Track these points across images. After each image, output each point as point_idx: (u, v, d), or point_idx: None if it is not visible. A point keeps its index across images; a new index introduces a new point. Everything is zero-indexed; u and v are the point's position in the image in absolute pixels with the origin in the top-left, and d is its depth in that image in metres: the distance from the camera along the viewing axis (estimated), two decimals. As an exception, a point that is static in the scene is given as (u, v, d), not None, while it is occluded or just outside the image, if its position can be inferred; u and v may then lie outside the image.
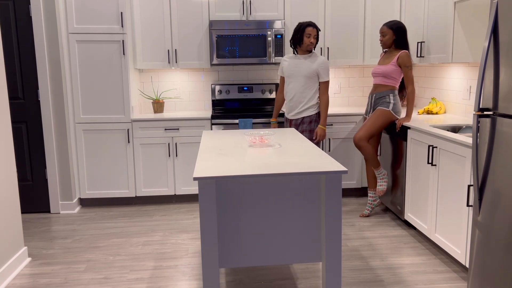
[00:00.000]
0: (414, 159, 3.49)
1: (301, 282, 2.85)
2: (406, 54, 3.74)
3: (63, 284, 2.89)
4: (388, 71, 3.76)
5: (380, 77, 3.83)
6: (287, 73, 3.92)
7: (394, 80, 3.79)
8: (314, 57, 3.86)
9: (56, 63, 4.06)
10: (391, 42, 3.81)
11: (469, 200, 2.72)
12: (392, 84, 3.80)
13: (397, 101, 3.81)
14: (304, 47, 3.83)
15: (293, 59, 3.90)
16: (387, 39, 3.79)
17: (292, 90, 3.90)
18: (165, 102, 4.89)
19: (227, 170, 2.14)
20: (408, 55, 3.75)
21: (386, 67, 3.77)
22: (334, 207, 2.17)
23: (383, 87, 3.82)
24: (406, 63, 3.73)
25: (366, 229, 3.73)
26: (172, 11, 4.43)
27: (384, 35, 3.80)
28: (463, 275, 2.90)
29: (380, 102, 3.83)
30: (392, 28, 3.76)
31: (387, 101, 3.79)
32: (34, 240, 3.63)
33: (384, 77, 3.80)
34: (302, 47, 3.83)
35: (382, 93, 3.82)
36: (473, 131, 2.31)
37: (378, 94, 3.85)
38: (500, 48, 2.19)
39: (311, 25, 3.78)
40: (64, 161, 4.21)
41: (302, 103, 3.88)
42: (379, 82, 3.84)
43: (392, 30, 3.76)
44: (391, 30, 3.76)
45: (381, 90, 3.83)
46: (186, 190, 4.48)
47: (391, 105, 3.79)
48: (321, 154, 2.48)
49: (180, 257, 3.27)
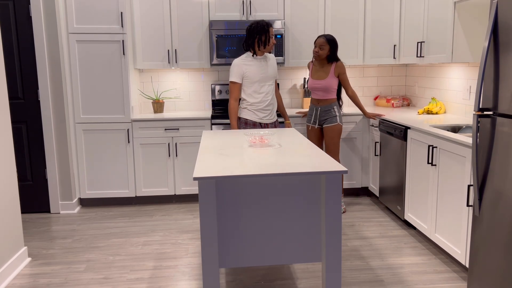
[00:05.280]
0: (414, 159, 3.49)
1: (301, 282, 2.85)
2: (341, 63, 3.98)
3: (63, 284, 2.89)
4: (329, 84, 3.95)
5: (321, 91, 3.99)
6: (258, 77, 3.68)
7: (334, 91, 4.00)
8: (268, 57, 3.79)
9: (56, 63, 4.06)
10: (326, 55, 3.94)
11: (469, 200, 2.72)
12: (333, 97, 4.01)
13: (339, 110, 4.05)
14: (269, 48, 3.69)
15: (255, 62, 3.69)
16: (324, 52, 3.92)
17: (268, 94, 3.75)
18: (165, 102, 4.89)
19: (227, 170, 2.14)
20: (342, 63, 3.99)
21: (326, 81, 3.94)
22: (334, 207, 2.17)
23: (326, 101, 4.02)
24: (342, 69, 3.97)
25: (366, 229, 3.73)
26: (172, 11, 4.43)
27: (322, 48, 3.91)
28: (463, 275, 2.90)
29: (328, 117, 4.02)
30: (329, 42, 3.91)
31: (334, 115, 4.01)
32: (34, 240, 3.63)
33: (325, 91, 3.98)
34: (266, 48, 3.68)
35: (327, 107, 4.01)
36: (473, 131, 2.31)
37: (323, 107, 4.02)
38: (500, 48, 2.19)
39: (270, 24, 3.68)
40: (64, 161, 4.22)
41: (275, 106, 3.87)
42: (321, 97, 4.01)
43: (329, 44, 3.91)
44: (328, 44, 3.91)
45: (325, 104, 4.02)
46: (186, 190, 4.48)
47: (338, 118, 4.02)
48: (321, 154, 2.48)
49: (180, 257, 3.27)
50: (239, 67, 3.67)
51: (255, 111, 3.74)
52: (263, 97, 3.73)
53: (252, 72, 3.68)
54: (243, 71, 3.68)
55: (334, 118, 4.01)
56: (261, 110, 3.75)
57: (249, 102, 3.73)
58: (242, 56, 3.73)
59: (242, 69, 3.67)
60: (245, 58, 3.71)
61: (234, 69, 3.68)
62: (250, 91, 3.71)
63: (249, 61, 3.69)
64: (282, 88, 4.98)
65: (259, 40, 3.64)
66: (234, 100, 3.73)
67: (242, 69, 3.67)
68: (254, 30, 3.64)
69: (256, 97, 3.72)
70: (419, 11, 4.09)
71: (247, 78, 3.69)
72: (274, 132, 3.28)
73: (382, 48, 4.65)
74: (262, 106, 3.75)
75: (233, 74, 3.69)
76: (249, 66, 3.68)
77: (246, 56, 3.72)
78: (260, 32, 3.63)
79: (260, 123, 3.78)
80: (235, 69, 3.68)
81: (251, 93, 3.72)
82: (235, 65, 3.69)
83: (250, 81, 3.69)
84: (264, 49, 3.69)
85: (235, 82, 3.69)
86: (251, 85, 3.70)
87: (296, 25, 4.56)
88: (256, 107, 3.74)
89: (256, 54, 3.69)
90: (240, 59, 3.71)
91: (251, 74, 3.68)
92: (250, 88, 3.71)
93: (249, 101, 3.73)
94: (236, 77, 3.69)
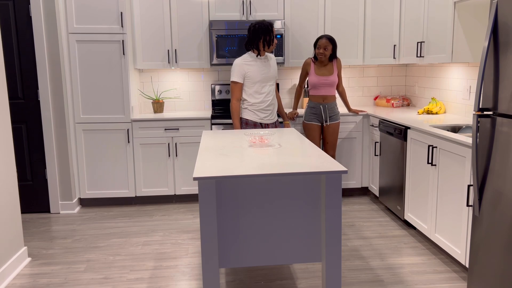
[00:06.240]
0: (414, 159, 3.49)
1: (301, 282, 2.85)
2: (340, 60, 4.21)
3: (63, 284, 2.89)
4: (335, 80, 4.14)
5: (328, 87, 4.13)
6: (259, 77, 3.68)
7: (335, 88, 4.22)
8: (269, 58, 3.80)
9: (56, 63, 4.06)
10: (329, 55, 4.09)
11: (469, 200, 2.72)
12: (335, 93, 4.22)
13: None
14: (272, 48, 3.71)
15: (256, 62, 3.69)
16: (329, 52, 4.07)
17: (269, 94, 3.76)
18: (165, 102, 4.89)
19: (227, 170, 2.14)
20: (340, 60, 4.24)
21: (333, 77, 4.12)
22: (334, 207, 2.17)
23: (331, 98, 4.18)
24: (341, 66, 4.23)
25: (366, 229, 3.73)
26: (172, 11, 4.43)
27: (326, 48, 4.05)
28: (463, 275, 2.90)
29: (333, 114, 4.19)
30: (332, 41, 4.06)
31: (337, 112, 4.23)
32: (34, 240, 3.63)
33: (331, 87, 4.14)
34: (270, 48, 3.70)
35: (332, 104, 4.19)
36: (473, 131, 2.32)
37: (329, 105, 4.17)
38: (500, 48, 2.19)
39: (273, 25, 3.70)
40: (64, 161, 4.22)
41: (276, 106, 3.88)
42: (327, 93, 4.15)
43: (332, 43, 4.06)
44: (331, 43, 4.06)
45: (331, 100, 4.18)
46: (186, 190, 4.48)
47: (339, 115, 4.25)
48: (321, 154, 2.48)
49: (180, 257, 3.27)
50: (240, 67, 3.66)
51: (255, 111, 3.74)
52: (264, 97, 3.73)
53: (254, 72, 3.67)
54: (244, 71, 3.67)
55: (337, 115, 4.22)
56: (262, 110, 3.75)
57: (250, 102, 3.73)
58: (243, 56, 3.73)
59: (244, 69, 3.66)
60: (246, 58, 3.70)
61: (236, 69, 3.68)
62: (251, 91, 3.71)
63: (251, 61, 3.68)
64: (282, 88, 4.98)
65: (264, 40, 3.65)
66: (236, 100, 3.71)
67: (244, 69, 3.66)
68: (259, 30, 3.63)
69: (257, 98, 3.72)
70: (419, 11, 4.09)
71: (249, 78, 3.68)
72: (274, 132, 3.28)
73: (382, 48, 4.65)
74: (263, 107, 3.74)
75: (235, 74, 3.68)
76: (251, 66, 3.67)
77: (247, 56, 3.71)
78: (265, 32, 3.63)
79: (261, 123, 3.78)
80: (236, 69, 3.67)
81: (252, 93, 3.71)
82: (237, 65, 3.68)
83: (252, 81, 3.69)
84: (268, 49, 3.70)
85: (236, 82, 3.68)
86: (252, 85, 3.70)
87: (296, 25, 4.56)
88: (257, 107, 3.74)
89: (260, 54, 3.70)
90: (241, 59, 3.70)
91: (252, 74, 3.67)
92: (251, 88, 3.71)
93: (250, 101, 3.73)
94: (237, 77, 3.68)
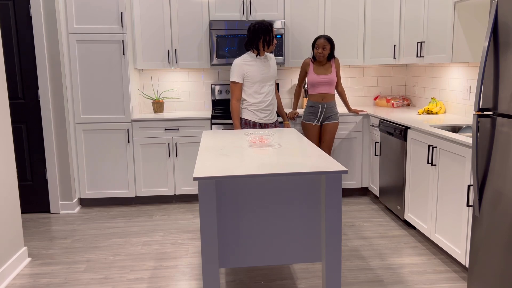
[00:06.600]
0: (414, 159, 3.49)
1: (301, 282, 2.85)
2: (338, 59, 4.20)
3: (63, 284, 2.89)
4: (334, 78, 4.13)
5: (327, 86, 4.12)
6: (259, 77, 3.67)
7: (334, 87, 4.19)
8: (268, 57, 3.80)
9: (56, 63, 4.06)
10: (327, 54, 4.10)
11: (469, 200, 2.72)
12: (334, 93, 4.20)
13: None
14: (271, 48, 3.71)
15: (256, 62, 3.68)
16: (327, 51, 4.07)
17: (268, 94, 3.75)
18: (165, 102, 4.89)
19: (227, 170, 2.14)
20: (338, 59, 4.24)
21: (331, 76, 4.12)
22: (334, 207, 2.17)
23: (330, 97, 4.17)
24: (339, 65, 4.22)
25: (366, 229, 3.73)
26: (172, 11, 4.43)
27: (325, 48, 4.05)
28: (463, 275, 2.90)
29: (332, 114, 4.18)
30: (330, 41, 4.06)
31: (336, 112, 4.20)
32: (34, 240, 3.63)
33: (330, 85, 4.13)
34: (270, 48, 3.70)
35: (331, 103, 4.17)
36: (473, 131, 2.32)
37: (328, 104, 4.16)
38: (500, 48, 2.19)
39: (272, 25, 3.72)
40: (64, 161, 4.22)
41: (275, 106, 3.87)
42: (326, 91, 4.14)
43: (330, 43, 4.06)
44: (329, 43, 4.06)
45: (330, 100, 4.17)
46: (186, 190, 4.48)
47: (338, 115, 4.23)
48: (321, 154, 2.48)
49: (180, 257, 3.27)
50: (240, 67, 3.66)
51: (255, 111, 3.74)
52: (263, 97, 3.73)
53: (253, 72, 3.67)
54: (244, 71, 3.66)
55: (336, 115, 4.21)
56: (262, 110, 3.75)
57: (250, 102, 3.73)
58: (243, 56, 3.72)
59: (243, 69, 3.66)
60: (246, 58, 3.70)
61: (235, 69, 3.67)
62: (250, 91, 3.71)
63: (250, 61, 3.68)
64: (282, 88, 4.98)
65: (264, 40, 3.65)
66: (236, 100, 3.71)
67: (243, 69, 3.66)
68: (259, 30, 3.63)
69: (256, 98, 3.72)
70: (419, 11, 4.09)
71: (248, 78, 3.68)
72: (274, 132, 3.28)
73: (382, 48, 4.65)
74: (263, 106, 3.74)
75: (234, 74, 3.68)
76: (250, 66, 3.67)
77: (247, 56, 3.71)
78: (265, 32, 3.63)
79: (260, 123, 3.78)
80: (236, 69, 3.67)
81: (251, 93, 3.71)
82: (236, 65, 3.68)
83: (251, 81, 3.68)
84: (268, 49, 3.70)
85: (236, 82, 3.68)
86: (252, 85, 3.70)
87: (296, 25, 4.56)
88: (256, 107, 3.73)
89: (260, 54, 3.69)
90: (241, 59, 3.70)
91: (252, 74, 3.67)
92: (251, 88, 3.70)
93: (250, 101, 3.73)
94: (237, 77, 3.67)
